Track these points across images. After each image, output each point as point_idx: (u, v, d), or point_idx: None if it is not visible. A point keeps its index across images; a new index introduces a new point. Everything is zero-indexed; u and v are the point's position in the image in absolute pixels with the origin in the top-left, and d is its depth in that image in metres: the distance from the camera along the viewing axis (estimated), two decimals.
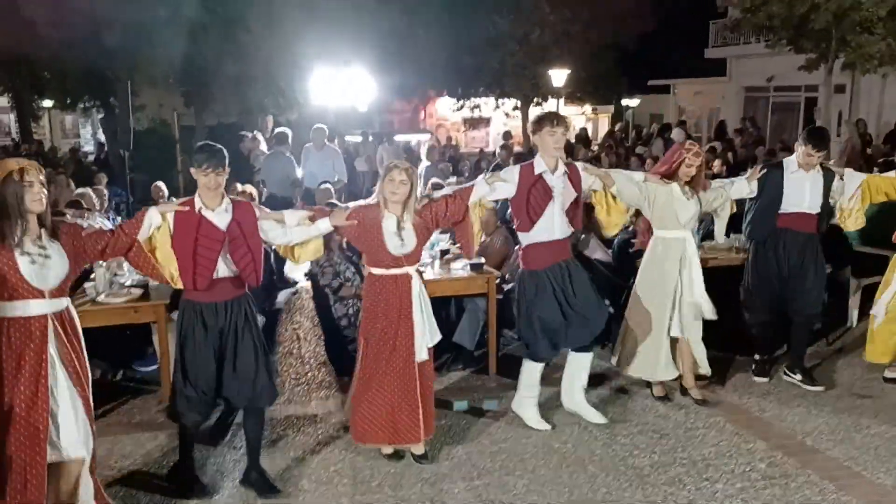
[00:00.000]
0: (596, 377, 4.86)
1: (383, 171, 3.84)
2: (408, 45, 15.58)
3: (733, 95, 21.79)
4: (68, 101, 18.18)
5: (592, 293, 4.29)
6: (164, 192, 8.08)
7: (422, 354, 3.87)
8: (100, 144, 19.61)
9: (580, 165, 4.38)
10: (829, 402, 4.68)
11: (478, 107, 21.76)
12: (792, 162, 4.79)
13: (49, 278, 3.09)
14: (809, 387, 4.89)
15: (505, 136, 15.62)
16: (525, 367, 4.41)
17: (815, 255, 4.84)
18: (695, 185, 4.57)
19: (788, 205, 4.76)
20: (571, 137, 16.64)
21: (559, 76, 17.16)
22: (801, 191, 4.73)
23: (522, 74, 18.55)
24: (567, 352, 4.47)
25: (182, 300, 3.63)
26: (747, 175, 4.90)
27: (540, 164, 4.14)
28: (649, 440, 4.20)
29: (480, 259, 5.29)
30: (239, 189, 6.50)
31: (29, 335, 3.06)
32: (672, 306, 4.57)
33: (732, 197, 4.85)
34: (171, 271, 3.46)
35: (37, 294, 3.06)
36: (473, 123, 24.03)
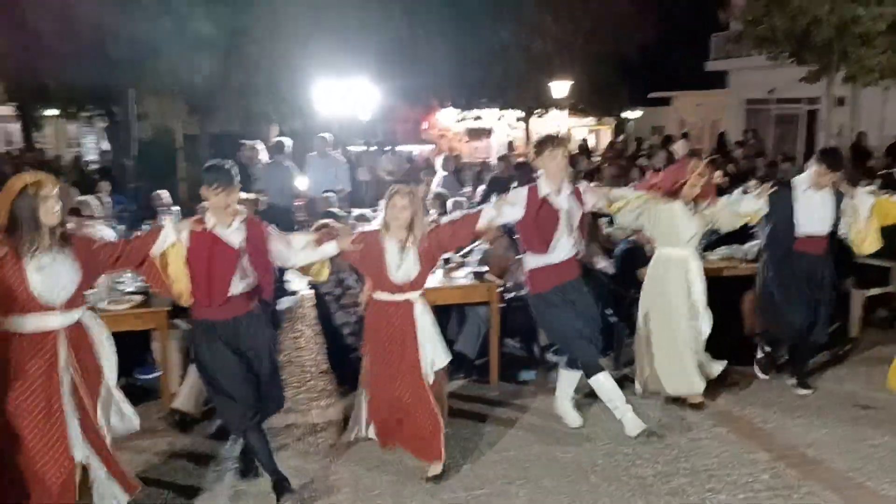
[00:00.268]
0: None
1: (386, 196, 3.83)
2: (411, 55, 15.64)
3: (734, 107, 21.83)
4: (73, 109, 18.28)
5: (596, 313, 4.33)
6: (164, 201, 7.96)
7: (429, 379, 3.82)
8: (103, 153, 19.67)
9: (583, 186, 4.39)
10: (831, 414, 4.66)
11: (480, 117, 21.83)
12: (802, 181, 4.74)
13: (59, 291, 3.08)
14: (802, 390, 4.91)
15: (509, 146, 15.67)
16: (563, 375, 4.48)
17: (829, 281, 4.81)
18: (699, 201, 4.57)
19: (802, 227, 4.72)
20: (573, 149, 16.72)
21: (561, 87, 17.23)
22: (813, 211, 4.69)
23: (525, 85, 18.62)
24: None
25: (194, 321, 3.62)
26: (756, 192, 4.84)
27: (544, 187, 4.14)
28: (652, 450, 4.18)
29: (483, 267, 5.30)
30: (243, 197, 6.49)
31: (40, 350, 3.05)
32: (685, 317, 4.58)
33: (741, 213, 4.80)
34: (180, 288, 3.46)
35: (47, 308, 3.06)
36: (476, 134, 24.09)
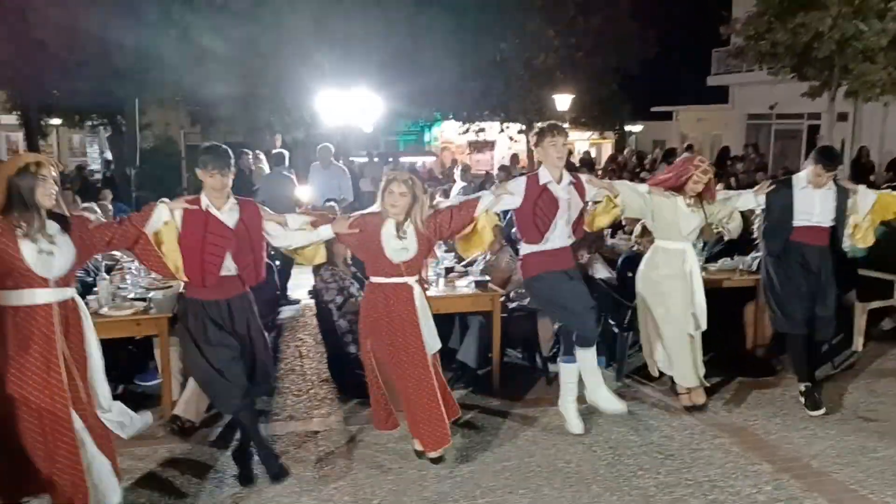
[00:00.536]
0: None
1: (383, 182, 3.86)
2: (414, 67, 15.73)
3: (736, 122, 21.91)
4: (77, 119, 18.37)
5: (588, 298, 4.32)
6: None
7: (431, 362, 3.89)
8: (106, 162, 19.74)
9: (584, 177, 4.43)
10: (834, 425, 4.63)
11: (482, 130, 21.88)
12: (801, 179, 4.73)
13: (54, 268, 3.13)
14: (814, 412, 4.81)
15: (512, 159, 15.69)
16: (563, 369, 4.47)
17: (831, 272, 4.73)
18: (700, 197, 4.60)
19: (799, 218, 4.69)
20: (575, 161, 16.75)
21: (563, 101, 17.29)
22: (811, 204, 4.68)
23: (527, 98, 18.69)
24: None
25: (185, 301, 3.69)
26: (755, 188, 4.87)
27: (545, 175, 4.18)
28: (654, 460, 4.15)
29: (485, 277, 5.30)
30: None
31: (34, 322, 3.09)
32: (685, 306, 4.59)
33: (739, 209, 4.84)
34: (176, 264, 3.51)
35: (41, 283, 3.10)
36: (478, 146, 24.14)
